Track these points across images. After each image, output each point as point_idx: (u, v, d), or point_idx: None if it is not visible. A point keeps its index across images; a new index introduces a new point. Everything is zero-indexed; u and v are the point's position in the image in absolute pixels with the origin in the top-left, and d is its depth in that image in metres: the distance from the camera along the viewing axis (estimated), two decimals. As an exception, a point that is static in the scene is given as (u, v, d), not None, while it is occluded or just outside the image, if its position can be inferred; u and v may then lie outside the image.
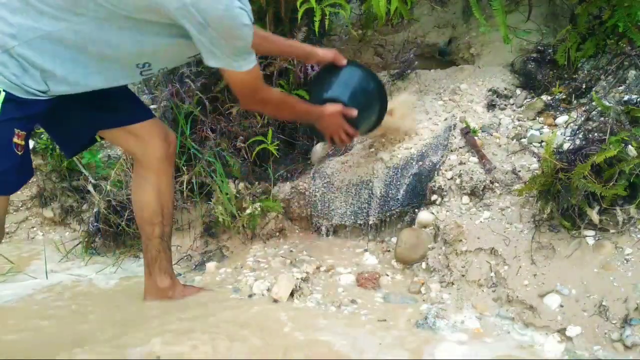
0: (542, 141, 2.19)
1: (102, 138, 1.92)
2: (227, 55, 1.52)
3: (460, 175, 2.15)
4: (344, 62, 2.17)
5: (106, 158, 3.03)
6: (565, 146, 1.99)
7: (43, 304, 2.06)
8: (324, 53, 2.18)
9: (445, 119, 2.41)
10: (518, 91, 2.53)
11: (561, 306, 1.68)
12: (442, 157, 2.26)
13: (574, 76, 2.42)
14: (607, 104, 1.98)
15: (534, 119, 2.36)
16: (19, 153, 1.50)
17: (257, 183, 2.54)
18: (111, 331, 1.72)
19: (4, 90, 1.44)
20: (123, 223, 2.48)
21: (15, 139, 1.48)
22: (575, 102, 2.33)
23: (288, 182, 2.57)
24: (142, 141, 1.87)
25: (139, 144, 1.88)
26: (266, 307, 1.86)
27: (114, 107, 1.79)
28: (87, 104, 1.68)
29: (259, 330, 1.67)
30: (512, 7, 2.77)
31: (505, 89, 2.52)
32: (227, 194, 2.41)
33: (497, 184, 2.10)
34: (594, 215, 1.75)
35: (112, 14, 1.43)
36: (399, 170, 2.31)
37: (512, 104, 2.47)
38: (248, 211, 2.40)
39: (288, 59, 2.53)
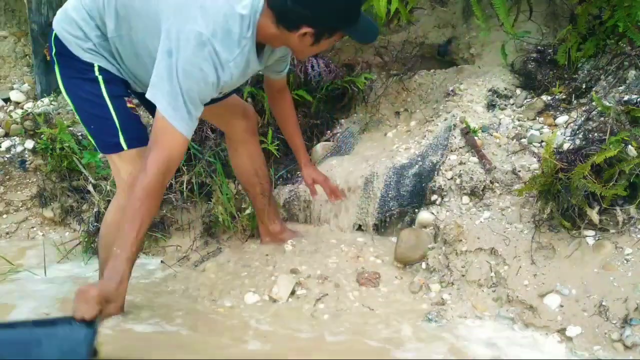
0: (542, 141, 2.19)
1: None
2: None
3: (460, 175, 2.15)
4: (330, 189, 2.19)
5: (106, 158, 3.02)
6: (565, 146, 1.99)
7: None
8: (308, 174, 2.18)
9: (445, 119, 2.41)
10: (518, 91, 2.53)
11: (561, 306, 1.68)
12: (442, 157, 2.26)
13: (574, 76, 2.41)
14: (607, 104, 1.98)
15: (534, 119, 2.36)
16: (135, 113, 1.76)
17: (257, 183, 2.54)
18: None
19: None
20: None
21: (128, 105, 1.74)
22: (575, 102, 2.33)
23: (288, 184, 2.57)
24: (224, 119, 2.08)
25: (221, 122, 2.12)
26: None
27: None
28: None
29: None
30: (512, 6, 2.77)
31: (505, 89, 2.52)
32: (227, 194, 2.41)
33: (497, 184, 2.10)
34: (594, 215, 1.75)
35: None
36: (399, 170, 2.31)
37: (512, 104, 2.47)
38: (248, 211, 2.40)
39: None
